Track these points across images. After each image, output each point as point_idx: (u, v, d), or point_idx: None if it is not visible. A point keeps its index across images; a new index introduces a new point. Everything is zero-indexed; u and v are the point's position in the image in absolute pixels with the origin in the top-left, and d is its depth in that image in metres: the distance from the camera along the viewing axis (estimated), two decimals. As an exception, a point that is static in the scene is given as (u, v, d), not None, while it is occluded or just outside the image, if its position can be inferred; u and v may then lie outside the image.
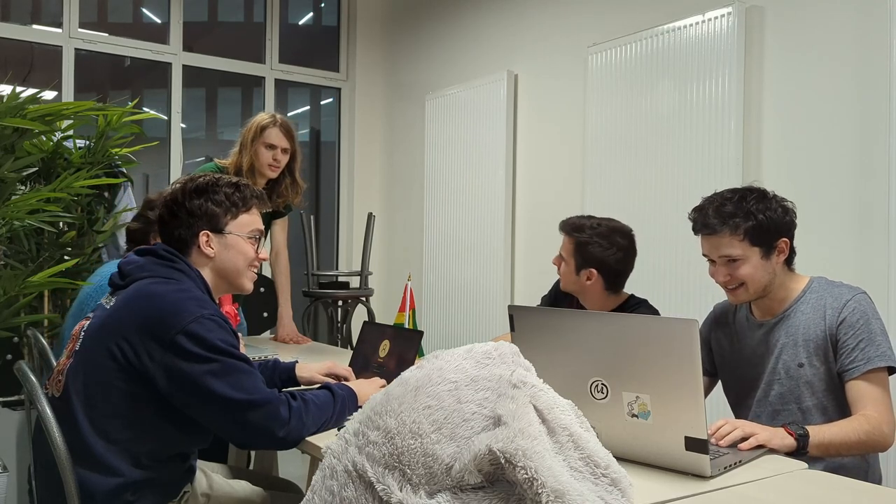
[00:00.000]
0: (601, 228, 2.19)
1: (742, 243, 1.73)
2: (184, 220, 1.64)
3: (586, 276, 2.18)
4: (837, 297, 1.72)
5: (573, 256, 2.18)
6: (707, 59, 2.94)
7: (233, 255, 1.68)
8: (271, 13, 4.80)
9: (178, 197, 1.66)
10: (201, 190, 1.67)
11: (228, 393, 1.43)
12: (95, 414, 1.46)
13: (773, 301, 1.81)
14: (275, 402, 1.46)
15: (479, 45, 4.30)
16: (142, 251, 1.65)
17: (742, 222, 1.72)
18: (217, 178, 1.71)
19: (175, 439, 1.53)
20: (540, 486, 0.99)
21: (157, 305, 1.48)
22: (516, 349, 1.25)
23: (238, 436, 1.49)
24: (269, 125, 2.77)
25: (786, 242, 1.76)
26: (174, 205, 1.66)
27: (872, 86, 2.52)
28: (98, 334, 1.51)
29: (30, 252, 2.82)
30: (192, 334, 1.44)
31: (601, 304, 2.22)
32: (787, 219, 1.76)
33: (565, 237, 2.23)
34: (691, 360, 1.27)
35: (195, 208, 1.65)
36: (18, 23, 4.00)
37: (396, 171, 5.03)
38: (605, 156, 3.39)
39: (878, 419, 1.60)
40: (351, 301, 4.15)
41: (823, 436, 1.54)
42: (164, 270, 1.59)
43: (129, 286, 1.57)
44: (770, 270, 1.76)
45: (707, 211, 1.77)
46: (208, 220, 1.66)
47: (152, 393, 1.45)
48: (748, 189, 1.79)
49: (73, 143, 3.01)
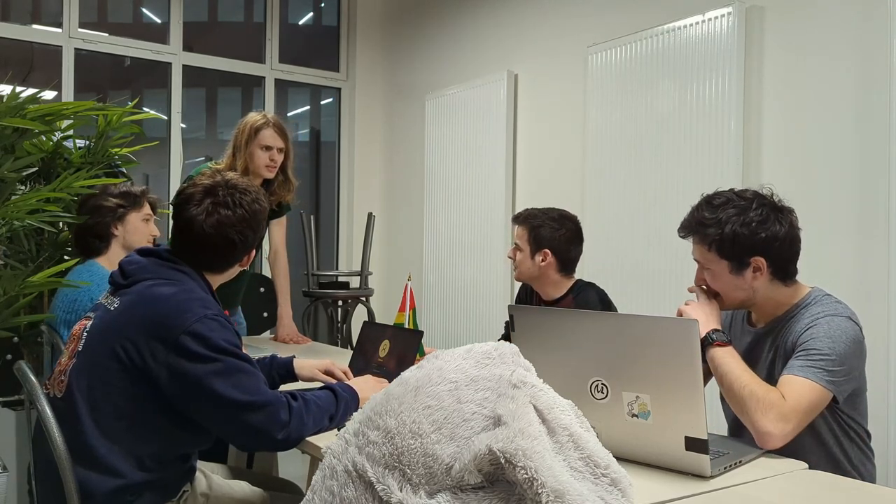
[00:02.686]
0: (552, 213, 2.45)
1: (709, 254, 1.66)
2: (240, 249, 1.66)
3: (541, 258, 2.38)
4: (816, 314, 1.60)
5: (528, 243, 2.40)
6: (707, 59, 2.94)
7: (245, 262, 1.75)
8: (271, 13, 4.80)
9: (242, 228, 1.64)
10: (259, 223, 1.68)
11: (230, 393, 1.43)
12: (99, 415, 1.46)
13: (765, 310, 1.73)
14: (276, 403, 1.46)
15: (479, 45, 4.30)
16: (144, 251, 1.65)
17: (712, 232, 1.64)
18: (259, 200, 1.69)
19: (178, 441, 1.53)
20: (540, 486, 0.99)
21: (161, 307, 1.48)
22: (516, 349, 1.25)
23: (237, 437, 1.49)
24: (262, 126, 2.72)
25: (761, 261, 1.62)
26: (237, 234, 1.63)
27: (872, 86, 2.52)
28: (102, 335, 1.51)
29: (30, 252, 2.82)
30: (196, 334, 1.44)
31: (554, 286, 2.43)
32: (761, 235, 1.61)
33: (519, 227, 2.44)
34: (691, 360, 1.27)
35: (249, 238, 1.66)
36: (18, 23, 4.00)
37: (396, 171, 5.03)
38: (604, 156, 3.39)
39: (777, 403, 1.46)
40: (351, 301, 4.15)
41: (724, 360, 1.56)
42: (168, 272, 1.58)
43: (132, 287, 1.56)
44: (745, 287, 1.65)
45: (692, 213, 1.72)
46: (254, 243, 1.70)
47: (156, 394, 1.46)
48: (738, 195, 1.68)
49: (73, 143, 3.01)
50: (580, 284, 2.44)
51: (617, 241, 3.30)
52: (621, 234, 3.28)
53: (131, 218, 2.46)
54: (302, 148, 5.37)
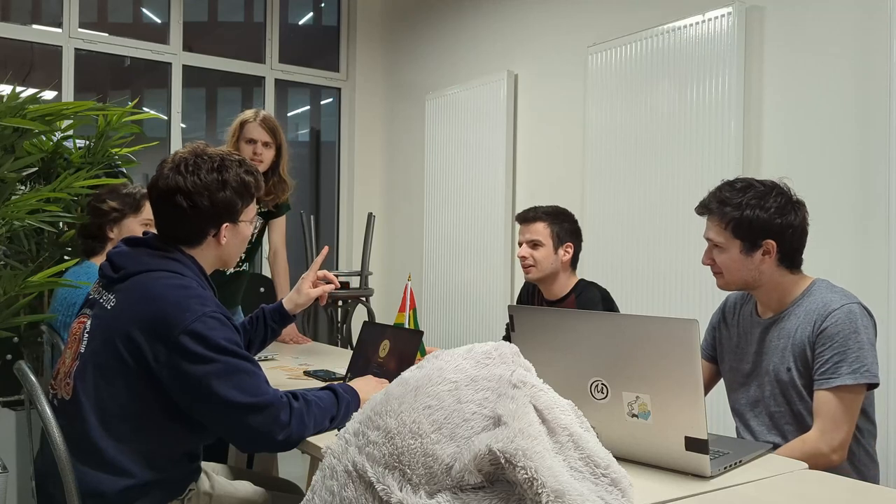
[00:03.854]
0: (559, 208, 2.48)
1: (725, 232, 1.76)
2: (206, 212, 1.57)
3: (563, 252, 2.42)
4: (826, 304, 1.69)
5: (551, 237, 2.41)
6: (707, 59, 2.94)
7: (239, 242, 1.67)
8: (271, 13, 4.80)
9: (200, 187, 1.56)
10: (225, 181, 1.58)
11: (231, 395, 1.41)
12: (106, 415, 1.45)
13: (771, 300, 1.81)
14: (277, 405, 1.45)
15: (479, 45, 4.30)
16: (132, 241, 1.61)
17: (731, 211, 1.74)
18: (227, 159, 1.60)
19: (185, 438, 1.53)
20: (540, 486, 0.99)
21: (160, 305, 1.46)
22: (516, 349, 1.25)
23: (238, 437, 1.48)
24: (249, 120, 2.75)
25: (772, 244, 1.73)
26: (196, 196, 1.55)
27: (872, 86, 2.51)
28: (104, 336, 1.50)
29: (30, 252, 2.82)
30: (195, 334, 1.42)
31: (562, 283, 2.45)
32: (778, 221, 1.72)
33: (539, 223, 2.43)
34: (691, 360, 1.27)
35: (219, 201, 1.57)
36: (18, 23, 4.00)
37: (396, 171, 5.03)
38: (604, 156, 3.39)
39: (814, 442, 1.61)
40: (351, 301, 4.15)
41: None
42: (162, 262, 1.55)
43: (127, 281, 1.53)
44: (752, 268, 1.76)
45: (711, 193, 1.81)
46: (230, 211, 1.60)
47: (160, 393, 1.45)
48: (760, 182, 1.78)
49: (73, 143, 3.01)
50: (583, 283, 2.45)
51: (617, 241, 3.30)
52: (621, 234, 3.28)
53: (128, 222, 2.46)
54: (302, 148, 5.37)
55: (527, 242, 2.44)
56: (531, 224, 2.45)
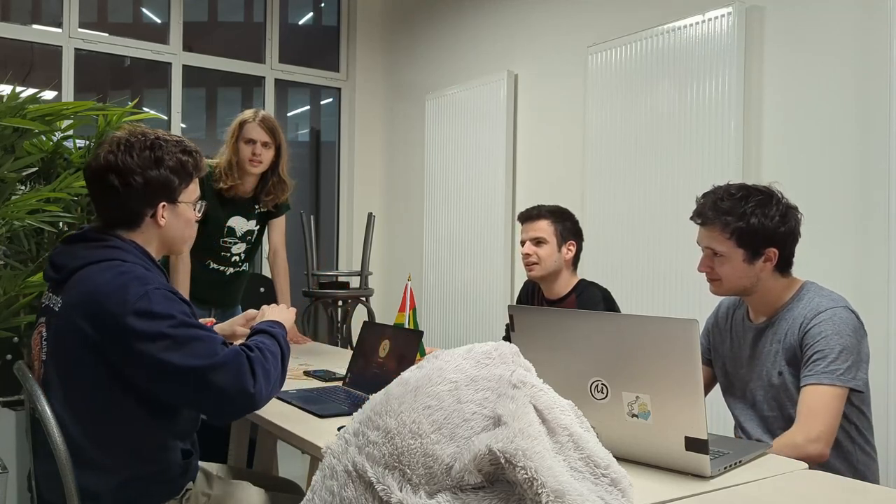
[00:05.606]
0: (560, 207, 2.50)
1: (728, 241, 1.73)
2: (139, 191, 1.52)
3: (567, 250, 2.44)
4: (815, 308, 1.69)
5: (556, 234, 2.43)
6: (707, 59, 2.94)
7: (182, 224, 1.62)
8: (271, 13, 4.80)
9: (132, 165, 1.52)
10: (158, 159, 1.53)
11: (188, 362, 1.38)
12: (83, 417, 1.45)
13: (764, 305, 1.80)
14: (235, 358, 1.42)
15: (479, 45, 4.30)
16: (69, 239, 1.59)
17: (733, 221, 1.72)
18: (162, 139, 1.57)
19: (162, 427, 1.50)
20: (540, 486, 0.99)
21: (102, 295, 1.42)
22: (516, 349, 1.25)
23: (210, 405, 1.45)
24: (248, 120, 2.74)
25: (774, 252, 1.73)
26: (128, 174, 1.51)
27: (872, 86, 2.51)
28: (57, 339, 1.48)
29: (30, 252, 2.82)
30: (140, 312, 1.39)
31: (563, 282, 2.45)
32: (782, 229, 1.72)
33: (543, 221, 2.44)
34: (691, 360, 1.27)
35: (153, 179, 1.52)
36: (18, 23, 4.00)
37: (396, 171, 5.03)
38: (604, 156, 3.39)
39: (790, 434, 1.60)
40: (351, 301, 4.15)
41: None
42: (100, 252, 1.51)
43: (70, 279, 1.50)
44: (752, 275, 1.75)
45: (707, 201, 1.78)
46: (165, 190, 1.56)
47: (125, 384, 1.43)
48: (756, 189, 1.76)
49: (73, 143, 3.01)
50: (584, 283, 2.46)
51: (617, 241, 3.30)
52: (621, 234, 3.28)
53: None
54: (302, 148, 5.37)
55: (530, 240, 2.44)
56: (535, 221, 2.45)
